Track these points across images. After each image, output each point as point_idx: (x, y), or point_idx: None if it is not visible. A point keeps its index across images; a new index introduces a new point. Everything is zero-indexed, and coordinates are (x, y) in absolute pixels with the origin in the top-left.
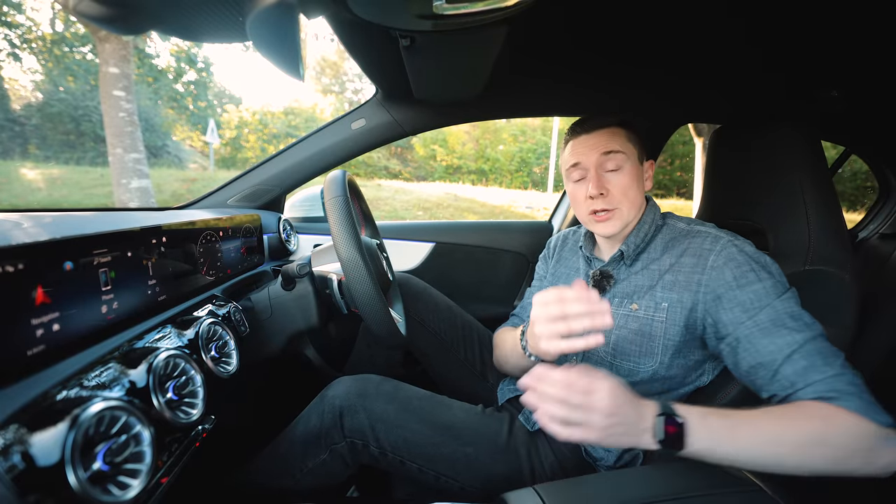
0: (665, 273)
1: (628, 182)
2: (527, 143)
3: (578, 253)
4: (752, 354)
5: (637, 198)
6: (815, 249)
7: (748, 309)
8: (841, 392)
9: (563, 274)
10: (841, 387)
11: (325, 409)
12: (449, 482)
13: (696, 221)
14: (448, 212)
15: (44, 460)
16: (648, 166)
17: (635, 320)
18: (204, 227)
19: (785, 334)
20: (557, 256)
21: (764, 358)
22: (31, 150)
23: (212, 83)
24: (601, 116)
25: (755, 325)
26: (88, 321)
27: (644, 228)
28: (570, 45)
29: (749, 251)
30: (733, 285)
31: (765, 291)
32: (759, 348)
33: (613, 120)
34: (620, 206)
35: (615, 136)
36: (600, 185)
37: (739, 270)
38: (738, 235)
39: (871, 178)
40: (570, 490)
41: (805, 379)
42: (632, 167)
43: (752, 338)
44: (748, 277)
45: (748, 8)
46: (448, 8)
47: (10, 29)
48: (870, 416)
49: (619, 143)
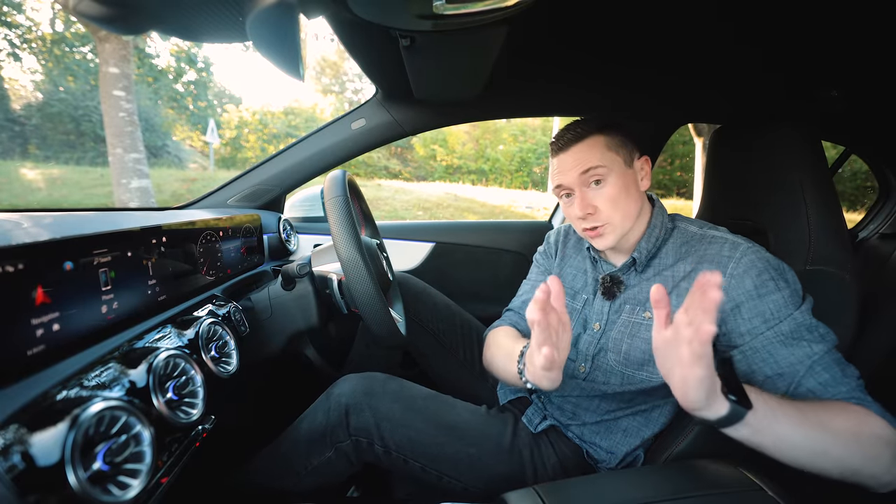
0: (681, 281)
1: (615, 193)
2: (527, 143)
3: (583, 252)
4: (770, 365)
5: (629, 206)
6: (815, 249)
7: (768, 319)
8: (864, 399)
9: (569, 274)
10: (862, 395)
11: (331, 406)
12: (451, 482)
13: (707, 225)
14: (448, 212)
15: (44, 460)
16: (642, 164)
17: (648, 329)
18: (204, 227)
19: (804, 346)
20: (561, 255)
21: (784, 369)
22: (31, 150)
23: (212, 83)
24: (577, 126)
25: (776, 335)
26: (88, 321)
27: (655, 233)
28: (569, 46)
29: (768, 258)
30: (753, 294)
31: (784, 302)
32: (779, 359)
33: (588, 129)
34: (611, 220)
35: (593, 147)
36: (585, 204)
37: (760, 279)
38: (753, 241)
39: (871, 178)
40: (570, 490)
41: (830, 391)
42: (617, 177)
43: (771, 348)
44: (768, 287)
45: (748, 8)
46: (448, 8)
47: (10, 29)
48: (892, 423)
49: (598, 155)
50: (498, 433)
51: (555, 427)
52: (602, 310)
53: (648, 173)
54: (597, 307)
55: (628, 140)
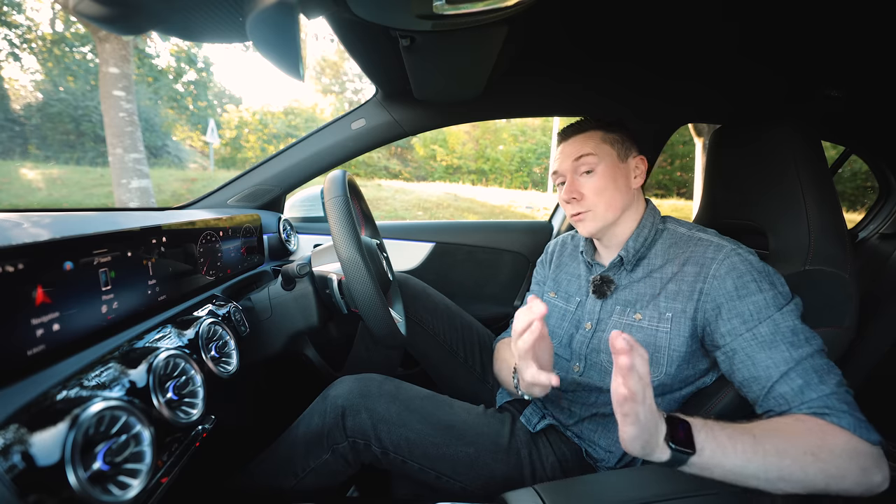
0: (668, 282)
1: (603, 184)
2: (527, 143)
3: (579, 258)
4: (747, 367)
5: (615, 198)
6: (815, 249)
7: (747, 320)
8: (833, 409)
9: (564, 280)
10: (834, 404)
11: (327, 408)
12: (450, 482)
13: (698, 227)
14: (448, 212)
15: (44, 460)
16: (637, 162)
17: (639, 330)
18: (204, 227)
19: (783, 350)
20: (557, 262)
21: (759, 372)
22: (31, 150)
23: (212, 83)
24: (581, 122)
25: (753, 337)
26: (88, 321)
27: (643, 233)
28: (569, 46)
29: (752, 260)
30: (734, 295)
31: (765, 303)
32: (756, 362)
33: (589, 124)
34: (594, 207)
35: (589, 139)
36: (572, 189)
37: (741, 280)
38: (741, 244)
39: (871, 178)
40: (570, 490)
41: (800, 398)
42: (606, 168)
43: (749, 350)
44: (749, 288)
45: (748, 8)
46: (448, 8)
47: (10, 29)
48: (860, 433)
49: (592, 146)
50: (496, 433)
51: (553, 427)
52: (594, 309)
53: (643, 172)
54: (588, 307)
55: (627, 138)
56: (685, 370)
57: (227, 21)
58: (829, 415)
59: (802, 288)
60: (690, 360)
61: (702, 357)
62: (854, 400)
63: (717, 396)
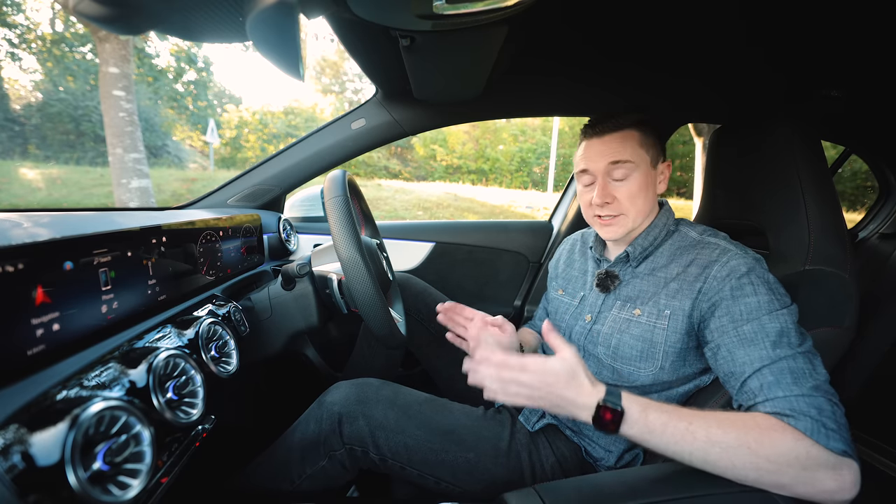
0: (671, 282)
1: (636, 190)
2: (527, 143)
3: (587, 254)
4: (728, 363)
5: (645, 204)
6: (815, 249)
7: (736, 319)
8: (798, 412)
9: (573, 277)
10: (800, 407)
11: (323, 415)
12: (449, 487)
13: (710, 231)
14: (448, 212)
15: (44, 460)
16: (664, 168)
17: (637, 326)
18: (204, 226)
19: (762, 348)
20: (568, 259)
21: (736, 368)
22: (31, 150)
23: (212, 83)
24: (616, 117)
25: (737, 334)
26: (88, 321)
27: (654, 232)
28: (569, 45)
29: (753, 266)
30: (728, 296)
31: (757, 305)
32: (735, 358)
33: (627, 122)
34: (627, 212)
35: (627, 141)
36: (605, 193)
37: (738, 283)
38: (749, 249)
39: (871, 178)
40: (570, 490)
41: (766, 393)
42: (641, 175)
43: (731, 347)
44: (745, 290)
45: (749, 8)
46: (448, 8)
47: (10, 29)
48: (818, 438)
49: (630, 150)
50: (496, 436)
51: (552, 426)
52: (595, 302)
53: (667, 178)
54: (590, 300)
55: (658, 142)
56: (681, 367)
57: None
58: (788, 416)
59: (802, 288)
60: (686, 357)
61: (699, 356)
62: (836, 407)
63: (717, 396)
